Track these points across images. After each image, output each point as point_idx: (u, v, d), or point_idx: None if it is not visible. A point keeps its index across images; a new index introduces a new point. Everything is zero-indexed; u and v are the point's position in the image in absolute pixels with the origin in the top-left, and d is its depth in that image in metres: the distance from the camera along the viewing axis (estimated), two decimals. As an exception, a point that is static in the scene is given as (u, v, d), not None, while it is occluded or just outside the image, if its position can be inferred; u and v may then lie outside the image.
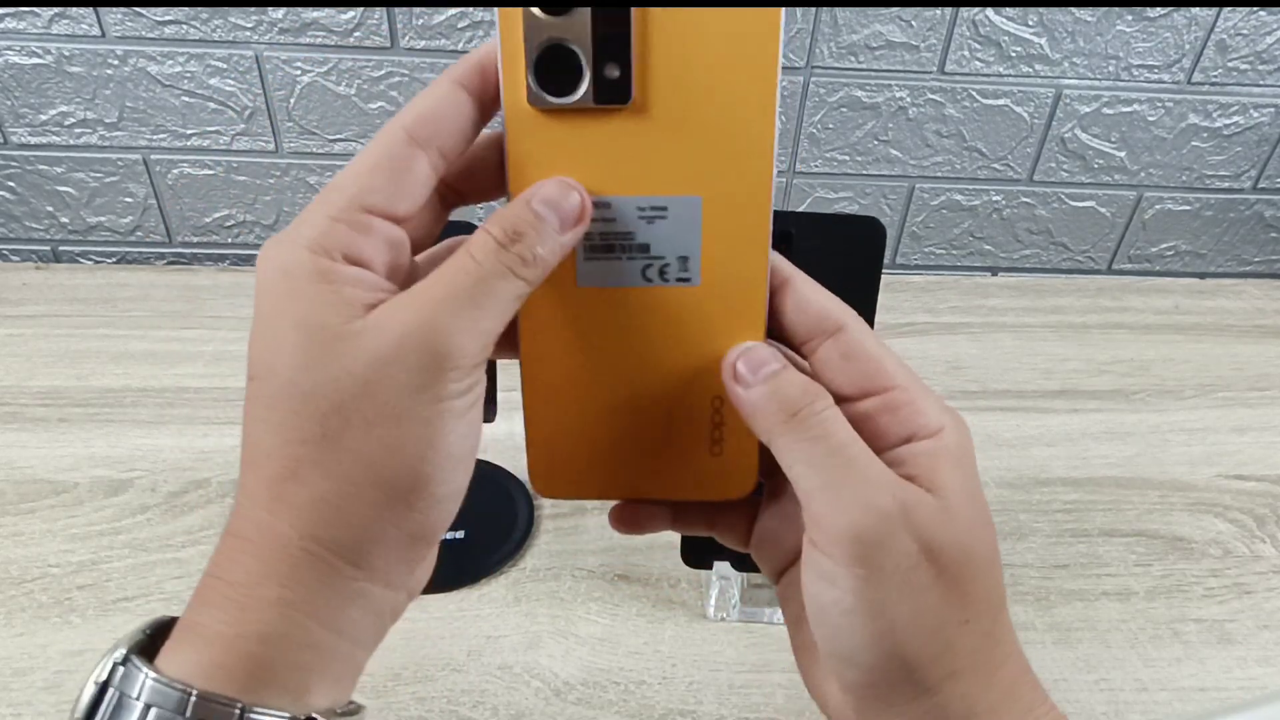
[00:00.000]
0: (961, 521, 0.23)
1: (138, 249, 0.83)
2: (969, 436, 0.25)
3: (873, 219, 0.42)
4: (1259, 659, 0.48)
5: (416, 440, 0.21)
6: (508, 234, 0.22)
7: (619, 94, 0.23)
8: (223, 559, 0.22)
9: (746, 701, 0.44)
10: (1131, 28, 0.75)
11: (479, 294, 0.22)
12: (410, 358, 0.21)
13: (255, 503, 0.22)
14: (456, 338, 0.21)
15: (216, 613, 0.21)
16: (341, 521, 0.21)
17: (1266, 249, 0.90)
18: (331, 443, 0.21)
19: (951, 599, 0.23)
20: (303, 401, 0.21)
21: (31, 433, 0.59)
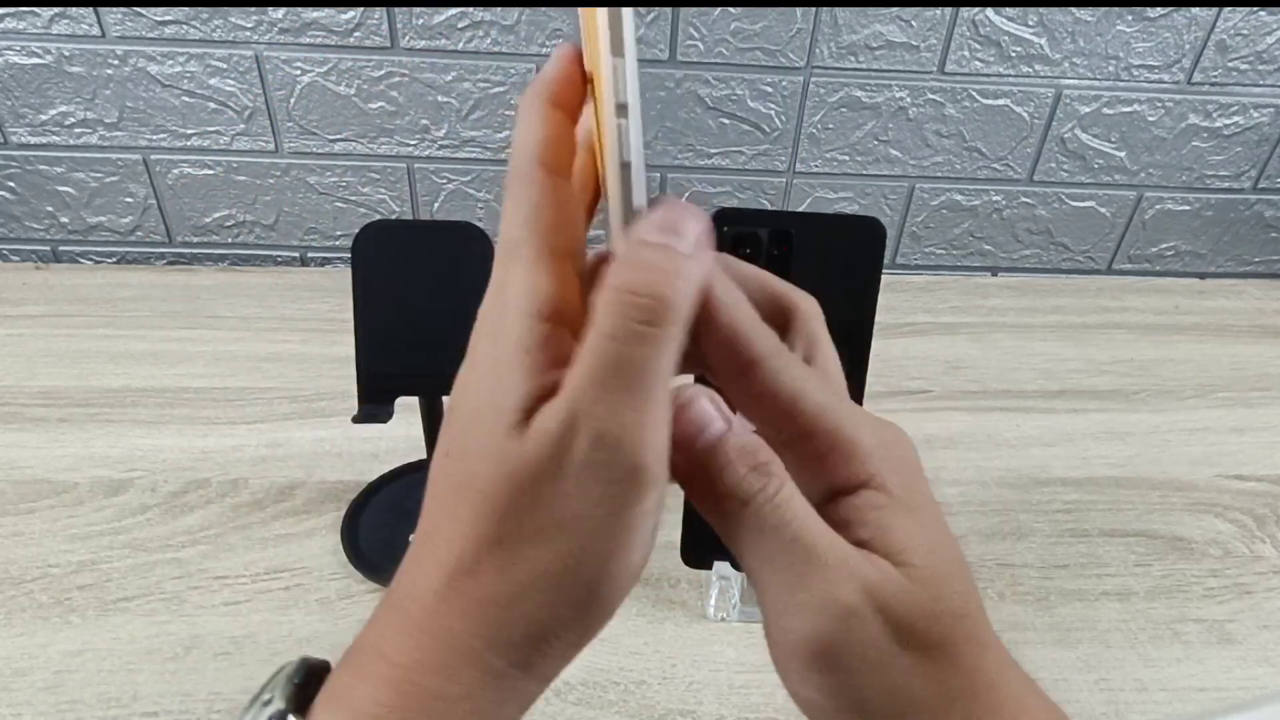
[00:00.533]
0: (930, 587, 0.21)
1: (138, 249, 0.83)
2: (911, 461, 0.22)
3: (873, 219, 0.42)
4: (1259, 659, 0.48)
5: (600, 555, 0.20)
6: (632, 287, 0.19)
7: None
8: (384, 630, 0.21)
9: (746, 701, 0.44)
10: (1131, 28, 0.75)
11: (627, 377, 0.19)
12: (582, 471, 0.19)
13: (424, 583, 0.20)
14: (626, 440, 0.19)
15: (374, 689, 0.20)
16: (513, 627, 0.20)
17: (1266, 249, 0.90)
18: (507, 548, 0.20)
19: (939, 677, 0.21)
20: (481, 499, 0.20)
21: (31, 433, 0.59)
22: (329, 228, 0.83)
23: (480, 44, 0.73)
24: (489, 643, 0.20)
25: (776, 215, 0.67)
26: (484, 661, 0.20)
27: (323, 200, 0.81)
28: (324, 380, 0.66)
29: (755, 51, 0.75)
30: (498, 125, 0.78)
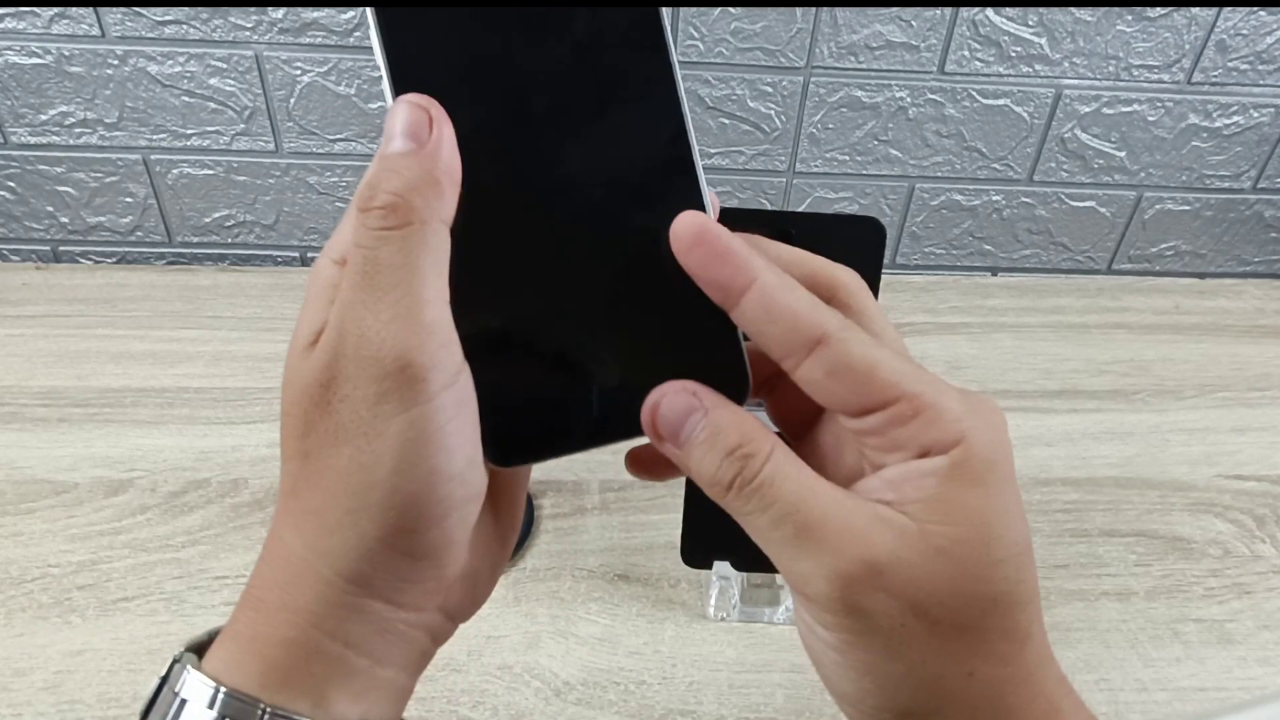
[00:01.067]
0: (959, 564, 0.20)
1: (138, 249, 0.83)
2: (1001, 440, 0.21)
3: (873, 219, 0.42)
4: (1259, 659, 0.48)
5: (388, 455, 0.20)
6: (363, 197, 0.20)
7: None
8: (256, 567, 0.23)
9: (746, 701, 0.44)
10: (1131, 28, 0.75)
11: (376, 274, 0.20)
12: (350, 368, 0.20)
13: (277, 515, 0.22)
14: (389, 338, 0.19)
15: (240, 615, 0.22)
16: (329, 536, 0.21)
17: (1266, 249, 0.90)
18: (312, 459, 0.21)
19: (951, 652, 0.21)
20: (288, 419, 0.21)
21: (31, 433, 0.59)
22: (329, 228, 0.83)
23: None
24: (317, 553, 0.21)
25: (776, 215, 0.67)
26: (317, 573, 0.21)
27: (323, 200, 0.81)
28: (324, 380, 0.66)
29: (755, 51, 0.75)
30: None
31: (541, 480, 0.57)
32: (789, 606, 0.49)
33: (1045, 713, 0.22)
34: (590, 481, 0.57)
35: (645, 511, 0.55)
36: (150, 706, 0.22)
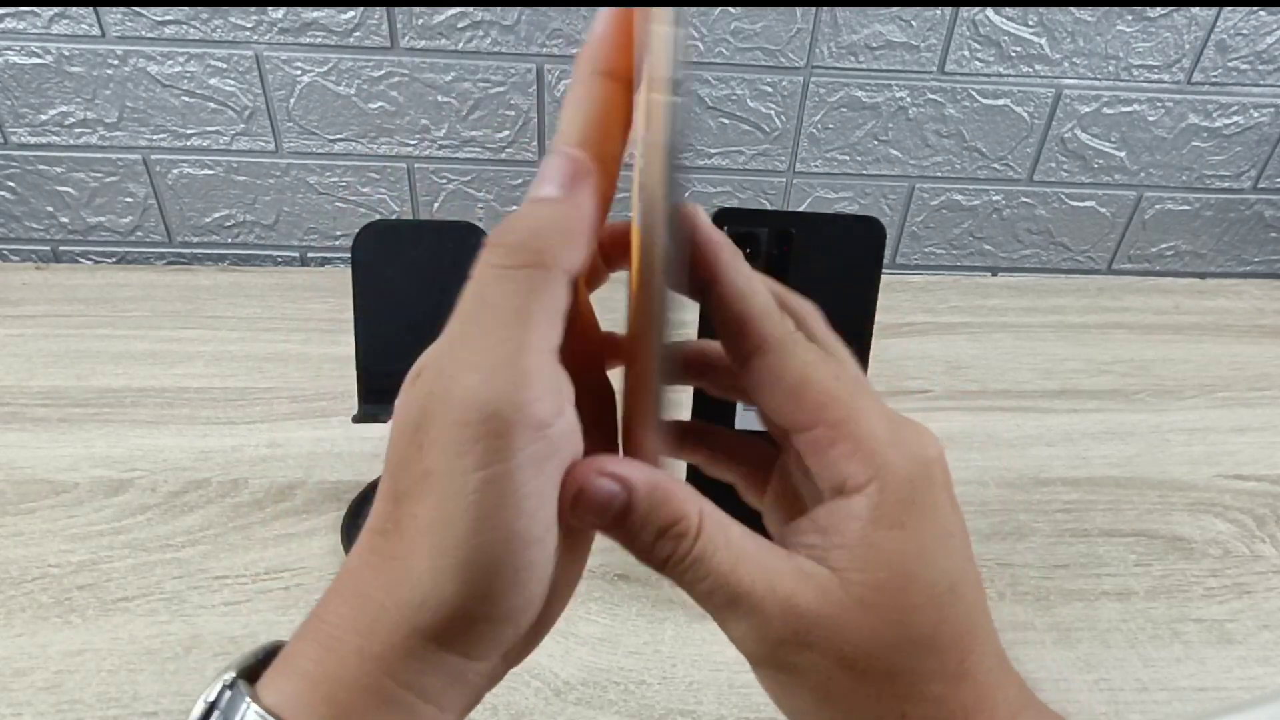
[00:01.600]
0: (881, 614, 0.20)
1: (138, 249, 0.83)
2: (924, 468, 0.21)
3: (873, 219, 0.42)
4: (1259, 659, 0.48)
5: (466, 513, 0.19)
6: (495, 238, 0.20)
7: None
8: (326, 597, 0.21)
9: (746, 702, 0.44)
10: (1131, 28, 0.75)
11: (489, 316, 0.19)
12: (437, 420, 0.19)
13: (358, 550, 0.21)
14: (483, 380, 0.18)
15: (310, 649, 0.21)
16: (411, 589, 0.20)
17: (1266, 249, 0.90)
18: (403, 504, 0.20)
19: (881, 696, 0.21)
20: (389, 454, 0.20)
21: (31, 433, 0.59)
22: (329, 228, 0.83)
23: (480, 44, 0.73)
24: (397, 602, 0.20)
25: (776, 215, 0.67)
26: (395, 623, 0.20)
27: (323, 200, 0.81)
28: (324, 380, 0.66)
29: (755, 51, 0.75)
30: (498, 125, 0.78)
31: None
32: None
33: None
34: (590, 481, 0.57)
35: (645, 511, 0.55)
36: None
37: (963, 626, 0.21)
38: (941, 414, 0.67)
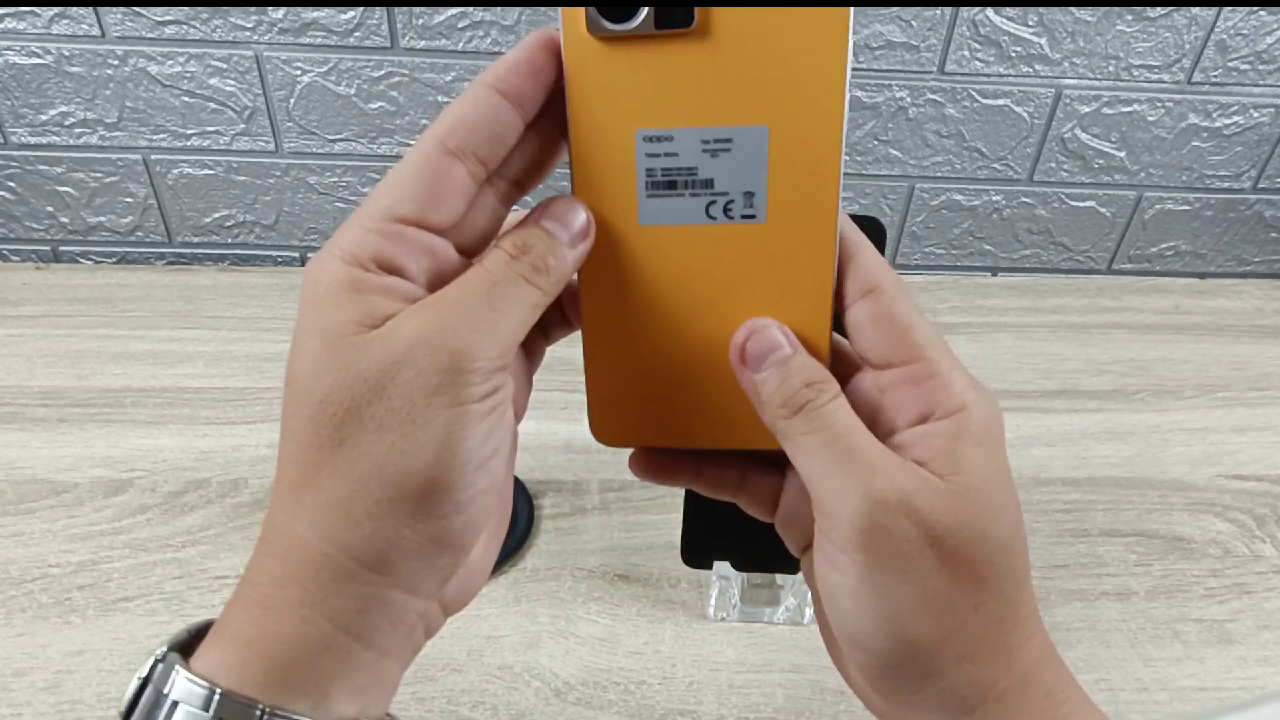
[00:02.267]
0: (973, 506, 0.23)
1: (138, 249, 0.83)
2: (997, 414, 0.24)
3: (873, 219, 0.42)
4: (1259, 659, 0.48)
5: (430, 444, 0.21)
6: (518, 247, 0.23)
7: (681, 18, 0.22)
8: (253, 563, 0.22)
9: (746, 701, 0.44)
10: (1131, 28, 0.75)
11: (493, 297, 0.22)
12: (422, 360, 0.21)
13: (280, 507, 0.22)
14: (471, 337, 0.21)
15: (242, 613, 0.22)
16: (356, 525, 0.21)
17: (1266, 249, 0.90)
18: (346, 448, 0.21)
19: (960, 583, 0.22)
20: (319, 407, 0.21)
21: (31, 433, 0.59)
22: (329, 228, 0.83)
23: (480, 44, 0.73)
24: (336, 545, 0.21)
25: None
26: (334, 564, 0.21)
27: (323, 200, 0.81)
28: (324, 380, 0.66)
29: (755, 51, 0.75)
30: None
31: (541, 480, 0.57)
32: (789, 607, 0.49)
33: (1041, 652, 0.24)
34: (590, 481, 0.57)
35: (645, 511, 0.55)
36: (132, 707, 0.21)
37: (1025, 542, 0.24)
38: (941, 414, 0.67)
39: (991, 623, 0.23)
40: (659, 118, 0.23)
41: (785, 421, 0.24)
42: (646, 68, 0.23)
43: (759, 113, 0.23)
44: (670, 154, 0.24)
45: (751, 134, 0.23)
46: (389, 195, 0.22)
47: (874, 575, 0.22)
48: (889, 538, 0.22)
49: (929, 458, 0.23)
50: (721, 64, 0.23)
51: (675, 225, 0.25)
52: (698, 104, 0.23)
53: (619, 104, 0.23)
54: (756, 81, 0.23)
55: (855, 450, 0.23)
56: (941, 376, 0.24)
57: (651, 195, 0.24)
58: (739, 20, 0.22)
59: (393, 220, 0.22)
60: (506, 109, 0.23)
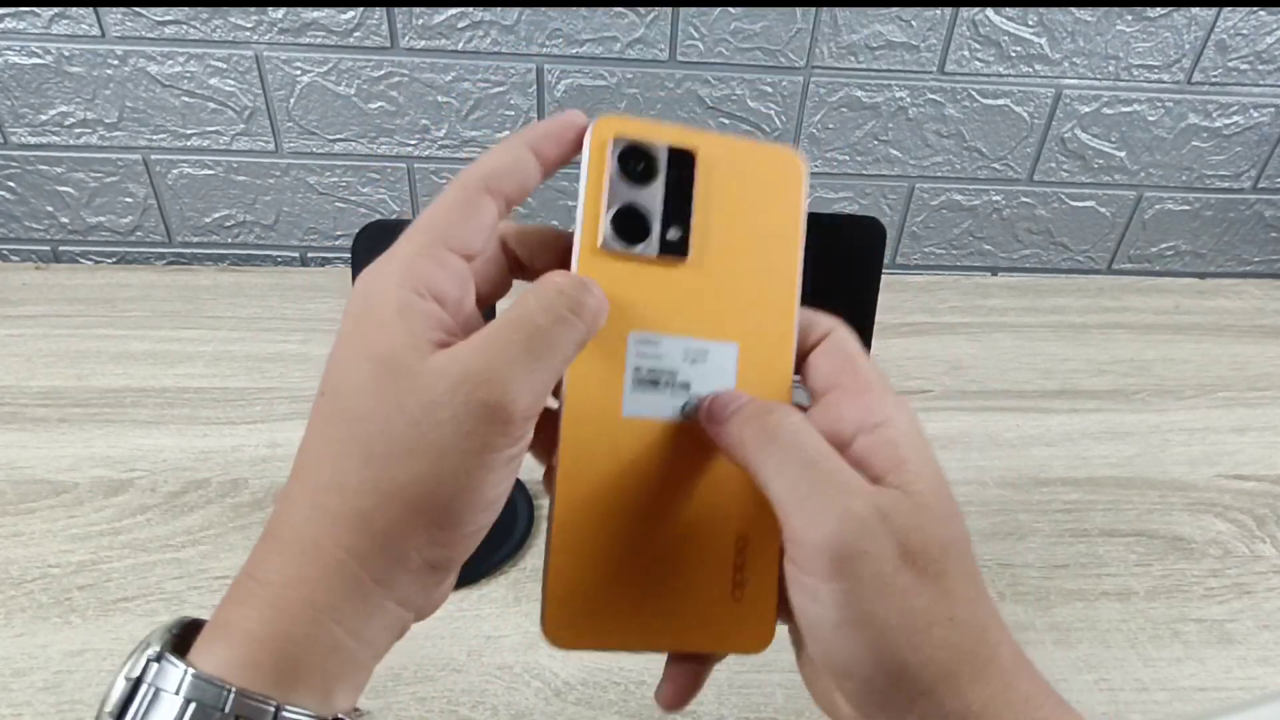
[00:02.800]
0: (935, 513, 0.24)
1: (138, 249, 0.83)
2: (920, 425, 0.26)
3: (873, 219, 0.42)
4: (1259, 659, 0.48)
5: (453, 481, 0.22)
6: (555, 288, 0.25)
7: (679, 250, 0.27)
8: (258, 559, 0.23)
9: (746, 702, 0.44)
10: (1131, 28, 0.75)
11: (535, 344, 0.23)
12: (460, 406, 0.22)
13: (295, 508, 0.23)
14: (509, 390, 0.22)
15: (250, 611, 0.22)
16: (372, 538, 0.22)
17: (1266, 249, 0.90)
18: (375, 464, 0.22)
19: (934, 598, 0.23)
20: (357, 423, 0.23)
21: (31, 433, 0.59)
22: (329, 228, 0.83)
23: (480, 44, 0.73)
24: (351, 553, 0.22)
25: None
26: (346, 572, 0.22)
27: (323, 200, 0.81)
28: (324, 380, 0.66)
29: (755, 51, 0.75)
30: (498, 125, 0.78)
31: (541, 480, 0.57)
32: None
33: (1014, 657, 0.24)
34: (590, 481, 0.57)
35: (645, 511, 0.55)
36: (124, 707, 0.21)
37: (970, 546, 0.25)
38: (941, 414, 0.67)
39: (967, 634, 0.23)
40: (651, 324, 0.27)
41: (757, 446, 0.25)
42: (646, 282, 0.27)
43: (731, 330, 0.28)
44: (656, 356, 0.27)
45: (724, 348, 0.28)
46: (438, 222, 0.25)
47: (855, 603, 0.23)
48: (868, 562, 0.22)
49: (883, 471, 0.24)
50: (704, 290, 0.28)
51: (653, 419, 0.27)
52: (684, 318, 0.28)
53: (618, 308, 0.27)
54: (730, 308, 0.28)
55: (830, 473, 0.24)
56: (873, 391, 0.26)
57: (637, 390, 0.27)
58: (719, 253, 0.28)
59: (442, 246, 0.24)
60: (534, 164, 0.26)
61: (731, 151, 0.28)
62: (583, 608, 0.27)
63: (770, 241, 0.28)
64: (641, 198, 0.27)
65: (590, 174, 0.27)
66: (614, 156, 0.27)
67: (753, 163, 0.28)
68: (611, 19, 0.72)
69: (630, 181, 0.27)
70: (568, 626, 0.27)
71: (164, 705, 0.21)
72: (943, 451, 0.64)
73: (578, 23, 0.72)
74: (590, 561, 0.27)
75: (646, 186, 0.27)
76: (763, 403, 0.26)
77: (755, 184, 0.28)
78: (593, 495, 0.27)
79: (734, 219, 0.28)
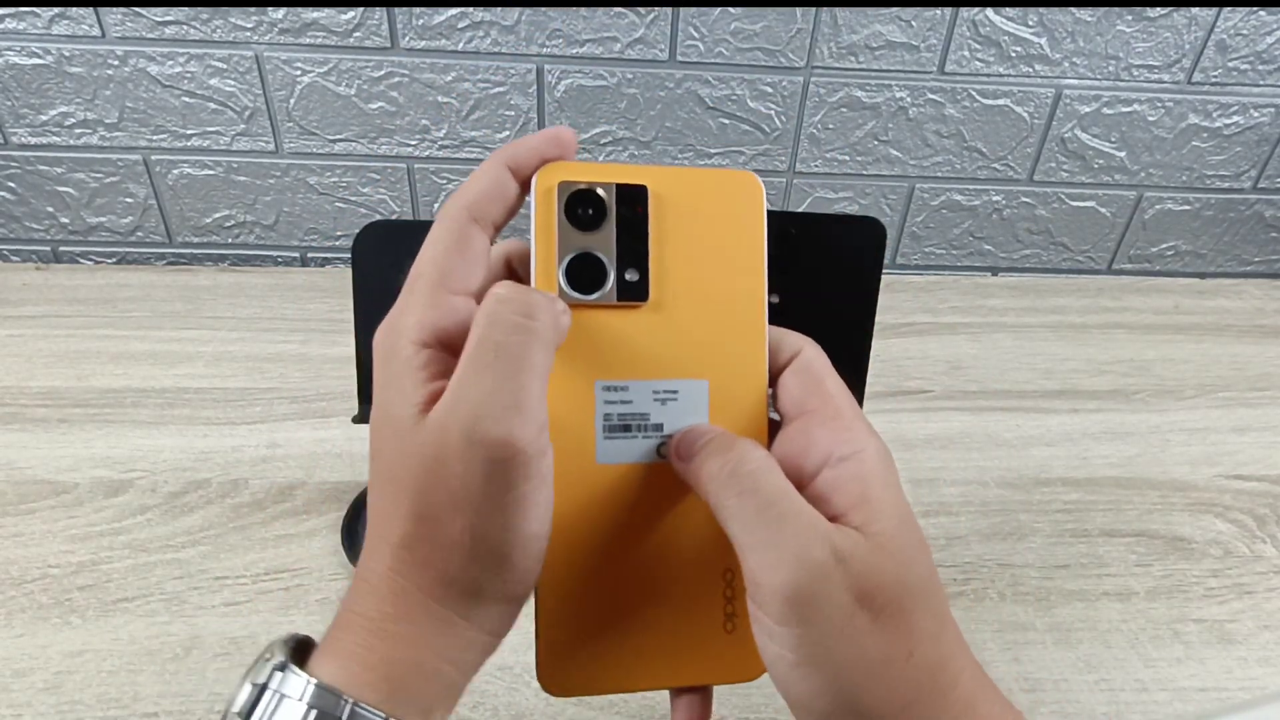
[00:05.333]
0: (895, 554, 0.24)
1: (138, 249, 0.83)
2: (892, 458, 0.26)
3: (873, 219, 0.42)
4: (1259, 659, 0.48)
5: (497, 526, 0.23)
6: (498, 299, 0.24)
7: (638, 294, 0.27)
8: (357, 598, 0.25)
9: (746, 702, 0.44)
10: (1131, 28, 0.75)
11: (501, 362, 0.23)
12: (463, 454, 0.23)
13: (380, 558, 0.25)
14: (502, 419, 0.23)
15: (355, 638, 0.24)
16: (448, 585, 0.24)
17: (1266, 249, 0.90)
18: (427, 523, 0.24)
19: (893, 637, 0.23)
20: (398, 484, 0.24)
21: (31, 433, 0.59)
22: (329, 228, 0.83)
23: (480, 44, 0.73)
24: (433, 597, 0.24)
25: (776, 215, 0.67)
26: (432, 611, 0.24)
27: (323, 200, 0.81)
28: (324, 380, 0.66)
29: (755, 51, 0.75)
30: (498, 125, 0.78)
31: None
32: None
33: (975, 682, 0.25)
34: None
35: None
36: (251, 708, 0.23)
37: (938, 583, 0.25)
38: (941, 414, 0.67)
39: (925, 668, 0.24)
40: (616, 371, 0.27)
41: (718, 487, 0.25)
42: (607, 329, 0.27)
43: (700, 368, 0.27)
44: (625, 401, 0.27)
45: (694, 386, 0.27)
46: (436, 267, 0.25)
47: (810, 647, 0.23)
48: (821, 608, 0.23)
49: (846, 508, 0.24)
50: (668, 329, 0.27)
51: (629, 463, 0.27)
52: (649, 361, 0.27)
53: (582, 357, 0.27)
54: (696, 344, 0.27)
55: (787, 516, 0.24)
56: (843, 418, 0.26)
57: (609, 437, 0.27)
58: (682, 292, 0.27)
59: (444, 292, 0.25)
60: (514, 185, 0.26)
61: (684, 182, 0.27)
62: (576, 654, 0.28)
63: (733, 269, 0.28)
64: (594, 243, 0.26)
65: (539, 224, 0.26)
66: (561, 204, 0.26)
67: (707, 191, 0.27)
68: (611, 19, 0.72)
69: (580, 228, 0.26)
70: (562, 674, 0.28)
71: (288, 710, 0.23)
72: (943, 451, 0.64)
73: (578, 23, 0.72)
74: (579, 609, 0.27)
75: (598, 231, 0.26)
76: (726, 438, 0.26)
77: (712, 212, 0.27)
78: (576, 543, 0.27)
79: (693, 251, 0.27)
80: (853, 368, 0.44)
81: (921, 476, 0.60)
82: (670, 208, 0.27)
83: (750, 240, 0.28)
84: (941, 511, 0.56)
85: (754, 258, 0.28)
